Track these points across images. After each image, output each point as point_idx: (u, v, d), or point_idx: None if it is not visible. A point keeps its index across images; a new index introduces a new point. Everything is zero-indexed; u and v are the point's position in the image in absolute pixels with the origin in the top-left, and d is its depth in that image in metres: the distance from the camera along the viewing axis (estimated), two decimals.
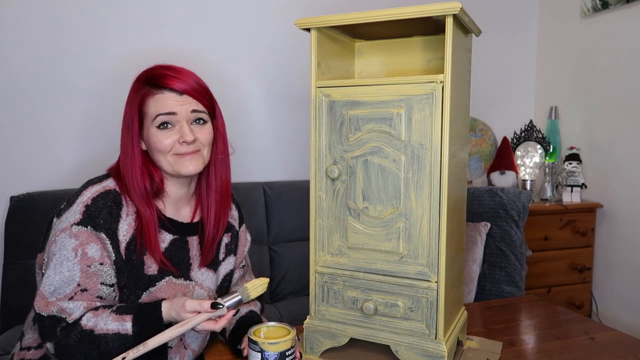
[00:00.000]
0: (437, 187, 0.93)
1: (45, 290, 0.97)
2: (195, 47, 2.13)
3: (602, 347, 1.13)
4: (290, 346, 0.95)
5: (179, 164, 1.05)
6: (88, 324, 0.95)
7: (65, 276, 0.97)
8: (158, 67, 1.07)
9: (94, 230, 0.99)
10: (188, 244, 1.11)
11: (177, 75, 1.04)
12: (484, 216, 2.00)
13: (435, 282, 0.95)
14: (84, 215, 0.99)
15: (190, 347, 1.10)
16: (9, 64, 1.89)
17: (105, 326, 0.95)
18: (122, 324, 0.95)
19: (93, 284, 0.98)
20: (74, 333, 0.95)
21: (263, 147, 2.30)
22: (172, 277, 1.07)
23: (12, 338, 1.50)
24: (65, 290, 0.96)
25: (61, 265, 0.97)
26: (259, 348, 0.93)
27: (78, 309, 0.96)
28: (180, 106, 1.04)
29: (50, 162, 1.96)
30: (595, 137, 2.44)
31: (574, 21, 2.51)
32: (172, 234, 1.09)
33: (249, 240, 1.29)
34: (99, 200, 1.01)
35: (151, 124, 1.04)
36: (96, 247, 0.98)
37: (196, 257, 1.12)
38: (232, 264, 1.21)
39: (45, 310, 0.96)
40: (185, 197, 1.13)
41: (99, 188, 1.03)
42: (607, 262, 2.39)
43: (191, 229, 1.12)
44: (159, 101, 1.03)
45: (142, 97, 1.04)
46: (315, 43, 1.01)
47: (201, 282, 1.11)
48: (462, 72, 1.01)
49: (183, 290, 1.08)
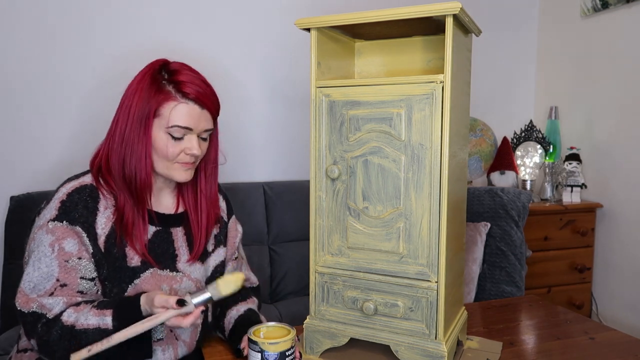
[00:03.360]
0: (437, 187, 0.93)
1: (25, 287, 0.98)
2: (196, 46, 2.13)
3: (602, 347, 1.13)
4: (290, 346, 0.95)
5: (174, 170, 1.06)
6: (69, 319, 0.95)
7: (43, 272, 0.97)
8: (179, 70, 1.04)
9: (70, 225, 0.99)
10: (172, 236, 1.10)
11: (201, 88, 1.04)
12: (484, 216, 2.00)
13: (435, 282, 0.95)
14: (60, 211, 1.00)
15: (181, 337, 1.10)
16: (9, 64, 1.89)
17: (86, 321, 0.95)
18: (103, 319, 0.95)
19: (72, 279, 0.98)
20: (55, 329, 0.95)
21: (263, 147, 2.30)
22: (157, 268, 1.06)
23: (12, 338, 1.50)
24: (44, 286, 0.97)
25: (39, 262, 0.98)
26: (259, 348, 0.93)
27: (58, 305, 0.97)
28: (197, 122, 1.04)
29: (50, 162, 1.96)
30: (595, 137, 2.44)
31: (574, 21, 2.51)
32: (155, 226, 1.09)
33: (240, 231, 1.28)
34: (74, 195, 1.01)
35: (164, 128, 1.02)
36: (73, 241, 0.99)
37: (182, 248, 1.11)
38: (222, 255, 1.20)
39: (26, 307, 0.97)
40: (168, 189, 1.13)
41: (75, 183, 1.04)
42: (607, 262, 2.39)
43: (174, 220, 1.12)
44: (181, 111, 1.02)
45: (164, 97, 1.02)
46: (315, 43, 1.01)
47: (189, 274, 1.11)
48: (462, 72, 1.01)
49: (169, 282, 1.07)
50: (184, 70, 1.05)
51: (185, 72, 1.05)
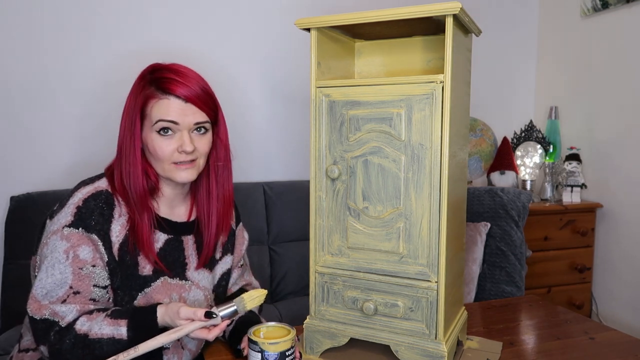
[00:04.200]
0: (437, 187, 0.93)
1: (38, 293, 0.96)
2: (196, 46, 2.13)
3: (602, 347, 1.13)
4: (290, 346, 0.95)
5: (173, 172, 1.04)
6: (82, 328, 0.94)
7: (57, 279, 0.96)
8: (165, 68, 1.04)
9: (86, 232, 0.98)
10: (183, 244, 1.10)
11: (183, 81, 1.01)
12: (484, 216, 2.00)
13: (435, 282, 0.95)
14: (75, 217, 0.98)
15: (187, 346, 1.10)
16: (9, 64, 1.89)
17: (100, 330, 0.94)
18: (117, 329, 0.94)
19: (85, 287, 0.97)
20: (68, 337, 0.94)
21: (263, 147, 2.30)
22: (167, 277, 1.06)
23: (12, 338, 1.50)
24: (57, 293, 0.96)
25: (53, 268, 0.96)
26: (259, 348, 0.93)
27: (71, 312, 0.96)
28: (183, 116, 1.01)
29: (50, 162, 1.96)
30: (595, 137, 2.44)
31: (574, 21, 2.51)
32: (167, 234, 1.08)
33: (247, 239, 1.28)
34: (90, 201, 1.00)
35: (151, 127, 1.02)
36: (88, 249, 0.98)
37: (192, 256, 1.11)
38: (229, 263, 1.20)
39: (38, 313, 0.95)
40: (180, 196, 1.12)
41: (90, 189, 1.02)
42: (607, 262, 2.39)
43: (186, 228, 1.12)
44: (162, 107, 1.01)
45: (146, 98, 1.02)
46: (315, 43, 1.01)
47: (197, 282, 1.11)
48: (462, 72, 1.01)
49: (179, 291, 1.07)
50: (165, 70, 1.03)
51: (166, 71, 1.03)
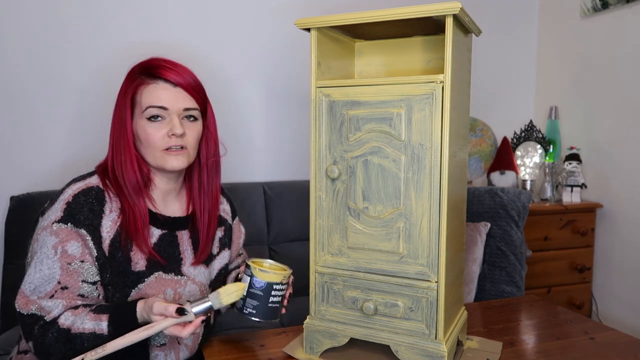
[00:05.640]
0: (437, 187, 0.93)
1: (26, 289, 0.96)
2: (195, 45, 2.13)
3: (602, 347, 1.13)
4: (280, 281, 0.99)
5: (163, 159, 1.04)
6: (66, 322, 0.94)
7: (45, 274, 0.96)
8: (154, 59, 1.07)
9: (75, 227, 0.98)
10: (177, 239, 1.10)
11: (173, 68, 1.05)
12: (484, 216, 2.00)
13: (435, 282, 0.95)
14: (65, 213, 0.99)
15: (183, 342, 1.09)
16: (9, 65, 1.89)
17: (82, 325, 0.94)
18: (98, 324, 0.94)
19: (74, 282, 0.97)
20: (51, 332, 0.94)
21: (263, 147, 2.30)
22: (162, 272, 1.06)
23: (12, 338, 1.50)
24: (45, 288, 0.96)
25: (41, 264, 0.97)
26: (250, 272, 0.98)
27: (57, 307, 0.96)
28: (172, 101, 1.03)
29: (50, 162, 1.96)
30: (595, 137, 2.44)
31: (574, 21, 2.51)
32: (161, 229, 1.08)
33: (244, 232, 1.30)
34: (80, 197, 1.00)
35: (141, 115, 1.03)
36: (76, 244, 0.98)
37: (187, 252, 1.11)
38: (226, 258, 1.21)
39: (25, 308, 0.96)
40: (173, 191, 1.13)
41: (81, 185, 1.03)
42: (607, 262, 2.39)
43: (180, 223, 1.12)
44: (152, 92, 1.03)
45: (135, 86, 1.04)
46: (315, 43, 1.01)
47: (193, 277, 1.11)
48: (462, 72, 1.01)
49: (174, 286, 1.07)
50: (154, 60, 1.07)
51: (155, 60, 1.06)
